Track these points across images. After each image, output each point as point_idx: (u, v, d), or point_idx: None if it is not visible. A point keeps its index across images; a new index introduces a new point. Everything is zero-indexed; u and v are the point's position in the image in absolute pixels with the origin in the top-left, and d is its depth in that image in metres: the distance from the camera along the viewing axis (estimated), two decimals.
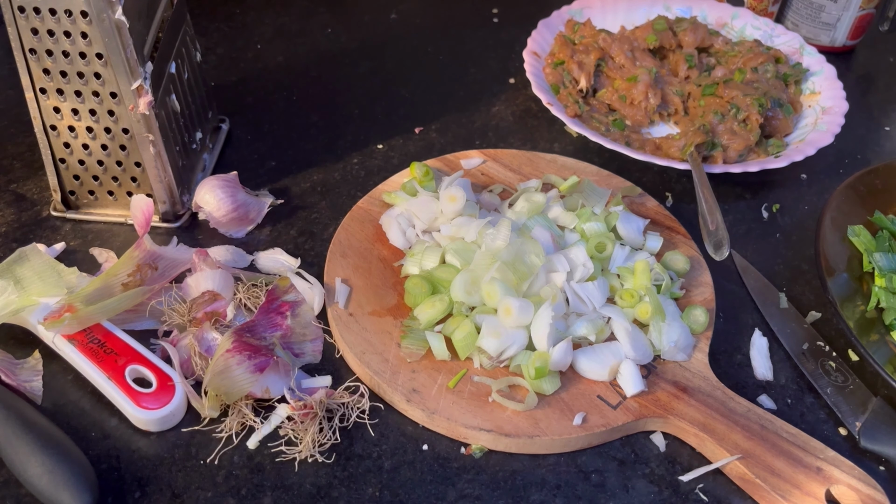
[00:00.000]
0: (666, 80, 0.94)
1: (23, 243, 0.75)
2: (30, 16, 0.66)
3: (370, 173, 0.86)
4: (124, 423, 0.64)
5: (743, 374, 0.71)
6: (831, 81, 0.95)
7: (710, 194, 0.80)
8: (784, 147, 0.89)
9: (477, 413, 0.64)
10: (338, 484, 0.62)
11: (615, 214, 0.76)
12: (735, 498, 0.62)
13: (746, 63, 0.95)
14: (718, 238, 0.76)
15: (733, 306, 0.76)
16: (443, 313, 0.69)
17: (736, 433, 0.63)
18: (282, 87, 0.96)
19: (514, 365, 0.67)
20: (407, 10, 1.10)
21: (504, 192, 0.82)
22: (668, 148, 0.87)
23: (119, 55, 0.67)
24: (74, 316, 0.65)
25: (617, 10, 1.03)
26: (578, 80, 0.93)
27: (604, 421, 0.64)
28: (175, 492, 0.61)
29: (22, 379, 0.66)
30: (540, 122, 0.94)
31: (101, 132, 0.73)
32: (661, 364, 0.69)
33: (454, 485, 0.62)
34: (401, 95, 0.97)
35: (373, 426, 0.65)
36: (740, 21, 1.03)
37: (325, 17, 1.08)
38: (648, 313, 0.69)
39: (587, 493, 0.62)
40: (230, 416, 0.64)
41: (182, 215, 0.79)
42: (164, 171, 0.75)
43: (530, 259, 0.69)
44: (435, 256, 0.72)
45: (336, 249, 0.75)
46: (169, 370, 0.65)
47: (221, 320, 0.68)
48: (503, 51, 1.04)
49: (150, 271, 0.69)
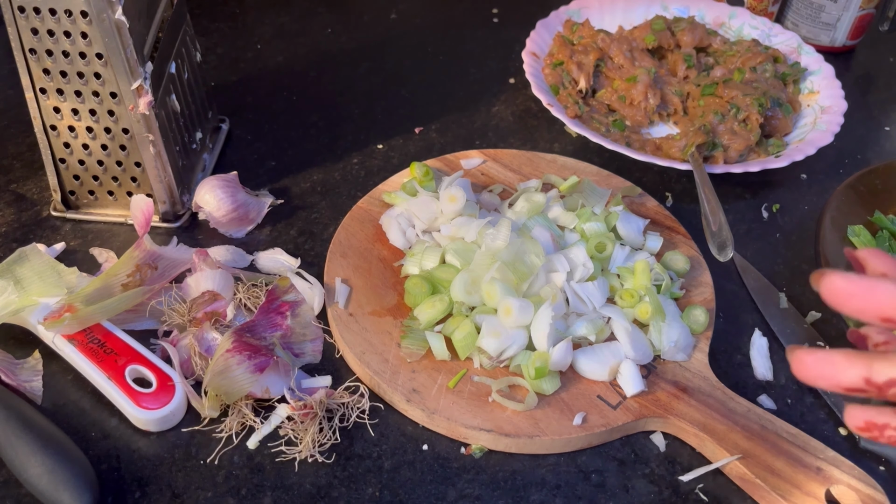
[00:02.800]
0: (665, 81, 0.94)
1: (23, 243, 0.75)
2: (30, 16, 0.66)
3: (370, 173, 0.86)
4: (124, 423, 0.64)
5: (743, 374, 0.71)
6: (830, 80, 0.95)
7: (712, 195, 0.80)
8: (784, 146, 0.89)
9: (477, 413, 0.64)
10: (338, 484, 0.62)
11: (615, 214, 0.76)
12: (735, 498, 0.62)
13: (745, 63, 0.95)
14: (722, 239, 0.76)
15: (733, 306, 0.76)
16: (443, 313, 0.69)
17: (736, 433, 0.63)
18: (282, 87, 0.96)
19: (514, 365, 0.67)
20: (407, 10, 1.10)
21: (504, 192, 0.82)
22: (668, 148, 0.87)
23: (119, 55, 0.67)
24: (74, 316, 0.65)
25: (615, 11, 1.03)
26: (578, 80, 0.93)
27: (604, 421, 0.64)
28: (175, 492, 0.61)
29: (22, 379, 0.66)
30: (540, 123, 0.94)
31: (101, 132, 0.73)
32: (661, 364, 0.69)
33: (454, 485, 0.62)
34: (401, 95, 0.97)
35: (373, 426, 0.65)
36: (738, 20, 1.03)
37: (325, 17, 1.08)
38: (648, 313, 0.69)
39: (587, 493, 0.62)
40: (230, 416, 0.64)
41: (182, 215, 0.79)
42: (164, 171, 0.75)
43: (530, 259, 0.69)
44: (435, 256, 0.72)
45: (336, 249, 0.75)
46: (169, 370, 0.65)
47: (221, 320, 0.68)
48: (503, 51, 1.04)
49: (150, 271, 0.69)
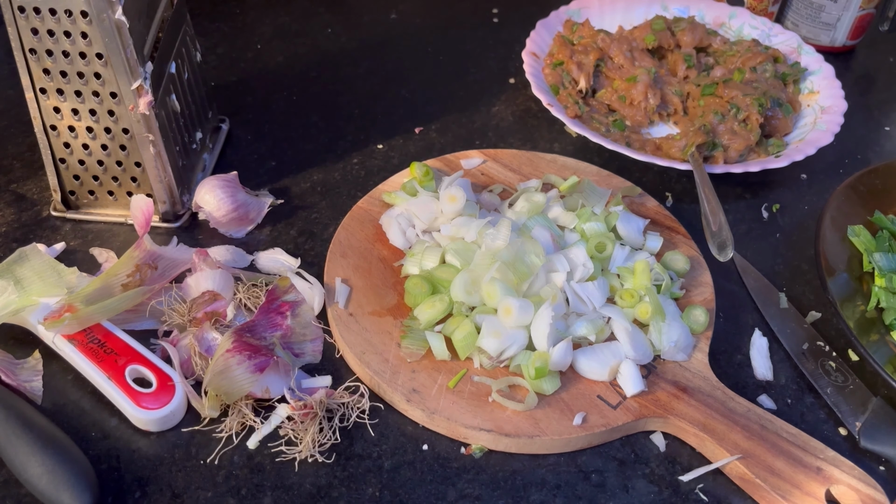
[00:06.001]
0: (665, 80, 0.94)
1: (23, 243, 0.75)
2: (30, 16, 0.66)
3: (370, 173, 0.86)
4: (124, 423, 0.64)
5: (743, 374, 0.71)
6: (829, 80, 0.95)
7: (712, 195, 0.80)
8: (784, 146, 0.89)
9: (477, 413, 0.64)
10: (338, 484, 0.62)
11: (615, 214, 0.76)
12: (735, 498, 0.62)
13: (745, 63, 0.95)
14: (722, 239, 0.76)
15: (733, 306, 0.76)
16: (443, 313, 0.69)
17: (736, 433, 0.63)
18: (282, 87, 0.96)
19: (514, 365, 0.67)
20: (407, 10, 1.10)
21: (504, 192, 0.82)
22: (668, 148, 0.87)
23: (119, 55, 0.67)
24: (74, 316, 0.65)
25: (615, 11, 1.03)
26: (578, 80, 0.93)
27: (604, 421, 0.64)
28: (175, 492, 0.61)
29: (22, 379, 0.66)
30: (540, 123, 0.94)
31: (101, 132, 0.73)
32: (661, 364, 0.69)
33: (454, 485, 0.62)
34: (401, 95, 0.97)
35: (373, 426, 0.65)
36: (738, 20, 1.03)
37: (325, 17, 1.08)
38: (648, 313, 0.69)
39: (587, 493, 0.62)
40: (230, 416, 0.64)
41: (182, 215, 0.79)
42: (164, 171, 0.75)
43: (530, 259, 0.69)
44: (435, 256, 0.72)
45: (336, 249, 0.75)
46: (169, 370, 0.65)
47: (221, 320, 0.68)
48: (503, 51, 1.04)
49: (150, 271, 0.69)
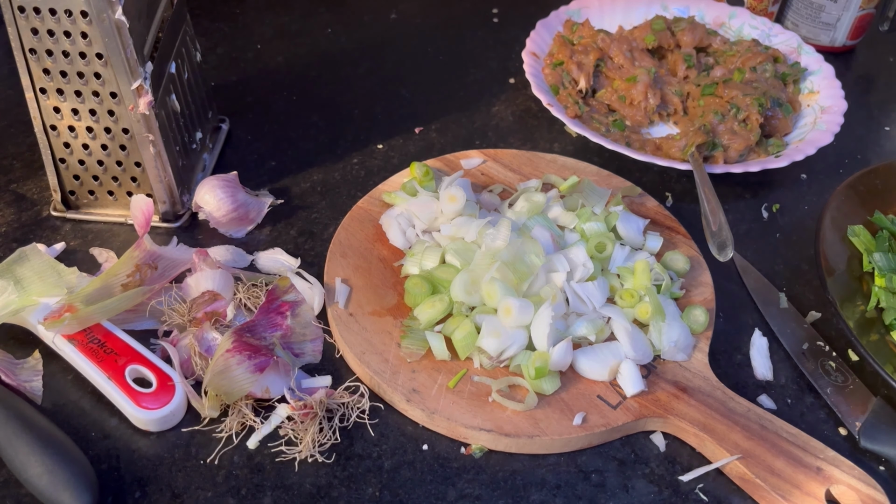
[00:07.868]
0: (665, 80, 0.94)
1: (23, 243, 0.75)
2: (30, 16, 0.66)
3: (370, 173, 0.86)
4: (124, 423, 0.64)
5: (743, 374, 0.71)
6: (829, 80, 0.95)
7: (712, 195, 0.80)
8: (784, 146, 0.89)
9: (477, 413, 0.64)
10: (338, 484, 0.62)
11: (615, 214, 0.76)
12: (735, 498, 0.62)
13: (745, 63, 0.95)
14: (722, 239, 0.76)
15: (733, 306, 0.76)
16: (443, 313, 0.69)
17: (736, 433, 0.63)
18: (282, 87, 0.96)
19: (514, 365, 0.67)
20: (407, 10, 1.10)
21: (504, 192, 0.82)
22: (668, 148, 0.87)
23: (119, 55, 0.67)
24: (74, 316, 0.65)
25: (615, 11, 1.03)
26: (578, 80, 0.93)
27: (604, 421, 0.64)
28: (175, 492, 0.61)
29: (22, 379, 0.66)
30: (540, 122, 0.94)
31: (101, 132, 0.73)
32: (661, 364, 0.69)
33: (454, 485, 0.62)
34: (401, 95, 0.97)
35: (373, 426, 0.65)
36: (738, 20, 1.03)
37: (325, 17, 1.08)
38: (648, 313, 0.69)
39: (587, 493, 0.62)
40: (230, 416, 0.64)
41: (182, 215, 0.79)
42: (164, 171, 0.75)
43: (530, 259, 0.69)
44: (435, 256, 0.72)
45: (336, 249, 0.75)
46: (169, 370, 0.65)
47: (221, 320, 0.68)
48: (503, 51, 1.04)
49: (149, 271, 0.69)
